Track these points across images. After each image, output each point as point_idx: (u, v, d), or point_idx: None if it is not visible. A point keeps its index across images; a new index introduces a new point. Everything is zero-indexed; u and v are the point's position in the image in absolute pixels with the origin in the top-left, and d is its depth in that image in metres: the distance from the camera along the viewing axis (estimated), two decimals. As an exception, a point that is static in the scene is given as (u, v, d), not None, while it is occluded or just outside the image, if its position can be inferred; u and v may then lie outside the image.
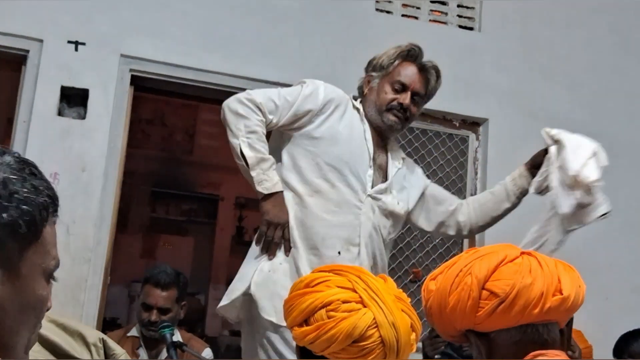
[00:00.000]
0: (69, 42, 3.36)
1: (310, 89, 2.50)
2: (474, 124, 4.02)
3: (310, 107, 2.46)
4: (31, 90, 3.31)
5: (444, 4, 4.09)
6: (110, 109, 3.39)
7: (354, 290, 1.53)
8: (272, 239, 2.38)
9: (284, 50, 3.66)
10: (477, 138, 4.02)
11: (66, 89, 3.32)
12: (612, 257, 3.99)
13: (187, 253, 7.45)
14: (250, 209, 7.20)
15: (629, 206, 4.08)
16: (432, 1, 4.06)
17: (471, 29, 4.10)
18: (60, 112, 3.31)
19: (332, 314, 1.50)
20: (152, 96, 4.39)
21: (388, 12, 3.91)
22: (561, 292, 1.29)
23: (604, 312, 3.73)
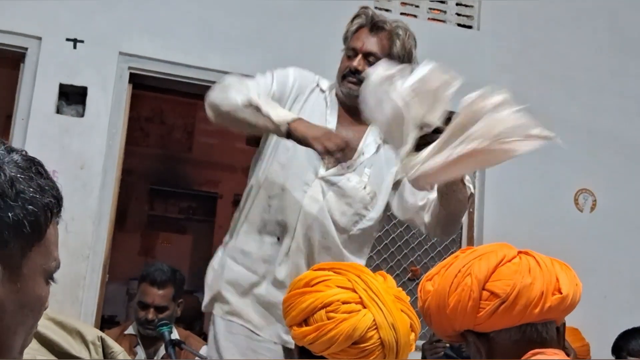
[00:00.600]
0: (67, 39, 3.36)
1: (283, 73, 2.37)
2: (472, 122, 4.02)
3: (282, 89, 2.33)
4: (30, 88, 3.30)
5: (442, 2, 4.09)
6: (109, 107, 3.39)
7: (353, 290, 1.52)
8: (336, 149, 2.03)
9: (282, 48, 3.65)
10: (476, 137, 4.01)
11: (65, 87, 3.32)
12: (610, 256, 3.99)
13: (185, 251, 7.43)
14: (248, 207, 7.16)
15: (626, 205, 4.09)
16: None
17: (470, 27, 4.10)
18: (59, 110, 3.31)
19: (331, 315, 1.49)
20: (151, 94, 4.38)
21: (387, 11, 3.90)
22: (560, 291, 1.29)
23: (602, 310, 3.73)
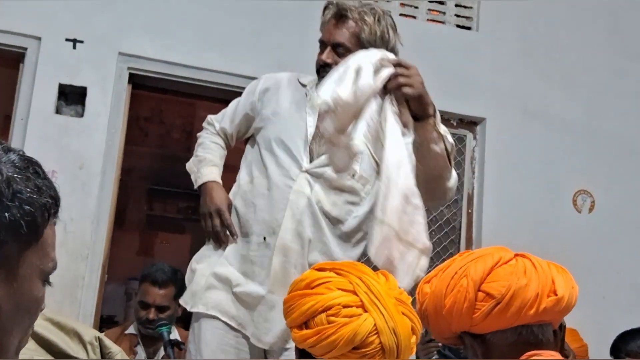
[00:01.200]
0: (67, 39, 3.35)
1: (252, 84, 2.48)
2: (471, 123, 4.02)
3: (251, 99, 2.41)
4: (29, 88, 3.30)
5: (441, 3, 4.09)
6: (108, 107, 3.39)
7: (355, 293, 1.50)
8: (212, 228, 2.30)
9: (281, 49, 3.65)
10: (475, 137, 4.02)
11: (64, 87, 3.32)
12: (609, 257, 3.99)
13: (184, 251, 7.43)
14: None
15: (625, 206, 4.09)
16: (430, 0, 4.06)
17: (469, 28, 4.10)
18: (58, 110, 3.31)
19: (332, 319, 1.47)
20: (150, 94, 4.37)
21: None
22: (555, 293, 1.30)
23: (601, 311, 3.74)
